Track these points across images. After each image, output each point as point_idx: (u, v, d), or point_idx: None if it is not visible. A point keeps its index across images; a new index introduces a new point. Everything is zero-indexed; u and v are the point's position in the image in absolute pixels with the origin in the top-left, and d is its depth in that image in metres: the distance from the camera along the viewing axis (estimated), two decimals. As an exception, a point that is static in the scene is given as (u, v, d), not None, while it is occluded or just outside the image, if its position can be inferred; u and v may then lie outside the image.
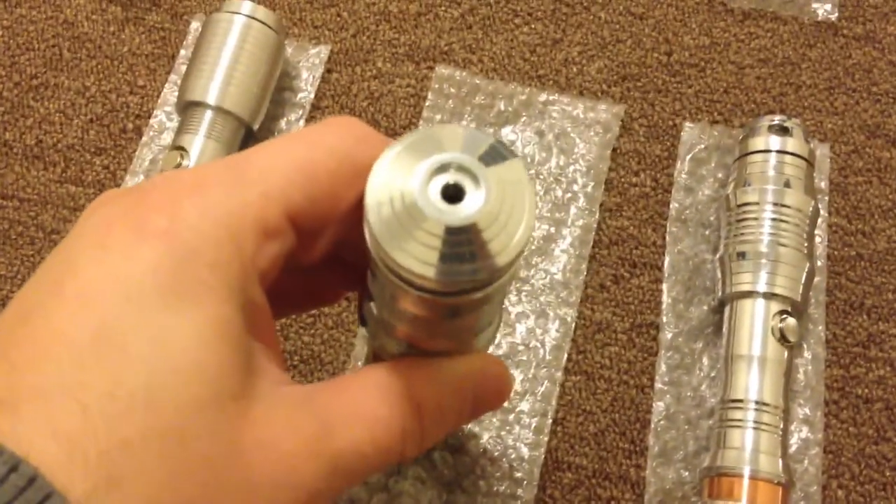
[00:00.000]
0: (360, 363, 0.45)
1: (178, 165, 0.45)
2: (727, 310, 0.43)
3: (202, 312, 0.20)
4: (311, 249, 0.25)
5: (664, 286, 0.46)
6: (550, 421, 0.43)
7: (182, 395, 0.19)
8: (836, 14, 0.53)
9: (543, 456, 0.42)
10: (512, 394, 0.43)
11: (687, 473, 0.42)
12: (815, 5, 0.53)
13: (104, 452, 0.18)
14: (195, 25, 0.53)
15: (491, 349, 0.44)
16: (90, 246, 0.21)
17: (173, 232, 0.20)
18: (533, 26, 0.53)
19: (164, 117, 0.50)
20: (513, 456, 0.42)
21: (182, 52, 0.52)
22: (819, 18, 0.53)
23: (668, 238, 0.47)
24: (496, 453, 0.42)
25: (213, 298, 0.20)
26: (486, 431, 0.43)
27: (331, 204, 0.24)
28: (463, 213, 0.20)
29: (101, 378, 0.19)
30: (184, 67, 0.49)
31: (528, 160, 0.49)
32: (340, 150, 0.24)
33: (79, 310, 0.19)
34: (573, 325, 0.45)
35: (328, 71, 0.52)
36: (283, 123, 0.50)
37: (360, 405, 0.23)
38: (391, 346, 0.26)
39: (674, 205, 0.48)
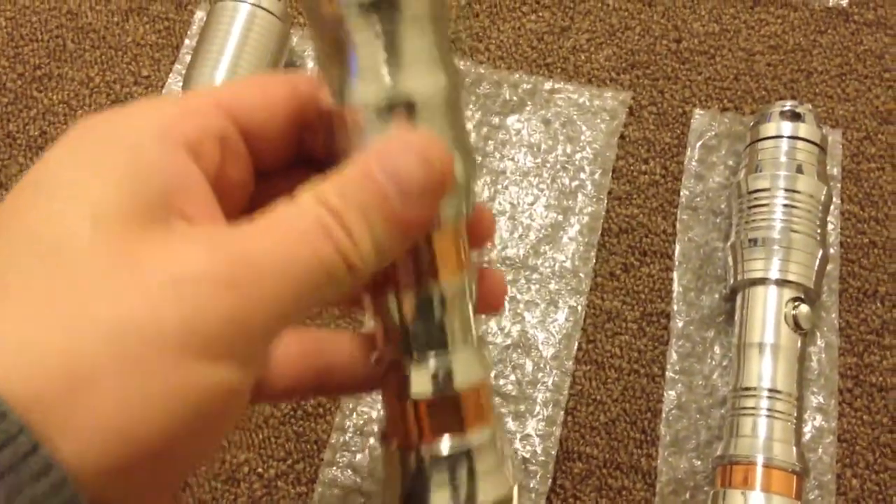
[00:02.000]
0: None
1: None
2: (739, 297, 0.43)
3: (115, 156, 0.21)
4: (272, 154, 0.25)
5: (675, 274, 0.45)
6: (563, 411, 0.43)
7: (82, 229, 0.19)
8: (847, 0, 0.52)
9: (557, 447, 0.42)
10: (523, 379, 0.43)
11: (699, 463, 0.42)
12: (825, -9, 0.52)
13: None
14: (200, 15, 0.52)
15: (500, 339, 0.43)
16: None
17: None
18: (540, 14, 0.53)
19: (168, 107, 0.50)
20: (526, 447, 0.42)
21: (186, 41, 0.51)
22: (830, 4, 0.52)
23: (678, 226, 0.47)
24: (509, 445, 0.42)
25: (122, 149, 0.21)
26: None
27: (282, 113, 0.24)
28: None
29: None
30: (188, 57, 0.49)
31: (535, 149, 0.48)
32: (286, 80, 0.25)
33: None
34: (583, 313, 0.45)
35: (334, 60, 0.51)
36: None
37: (270, 219, 0.22)
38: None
39: (684, 192, 0.47)
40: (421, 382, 0.25)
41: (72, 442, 0.18)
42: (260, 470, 0.42)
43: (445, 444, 0.25)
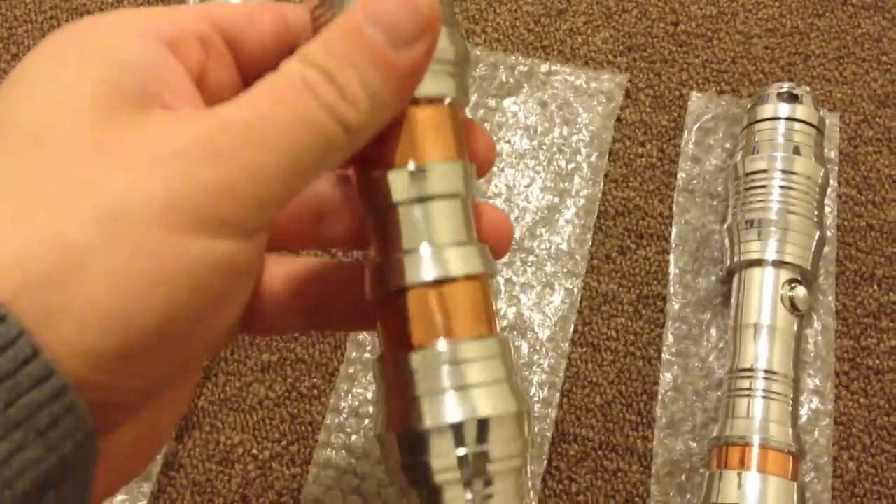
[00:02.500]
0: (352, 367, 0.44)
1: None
2: (735, 279, 0.42)
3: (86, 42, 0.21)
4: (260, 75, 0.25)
5: (671, 257, 0.45)
6: (559, 393, 0.43)
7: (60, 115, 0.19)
8: (845, -17, 0.52)
9: (552, 429, 0.42)
10: (518, 360, 0.43)
11: (695, 445, 0.42)
12: (823, -26, 0.52)
13: None
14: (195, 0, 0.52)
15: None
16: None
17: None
18: (537, -3, 0.52)
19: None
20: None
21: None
22: (828, -12, 0.52)
23: (675, 208, 0.46)
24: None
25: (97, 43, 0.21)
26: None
27: (269, 36, 0.24)
28: None
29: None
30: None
31: (531, 131, 0.48)
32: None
33: None
34: (579, 296, 0.44)
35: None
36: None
37: (252, 90, 0.21)
38: None
39: (681, 175, 0.47)
40: (412, 270, 0.23)
41: (67, 329, 0.18)
42: (254, 451, 0.42)
43: (440, 348, 0.23)
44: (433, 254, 0.23)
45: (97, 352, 0.18)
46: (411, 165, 0.23)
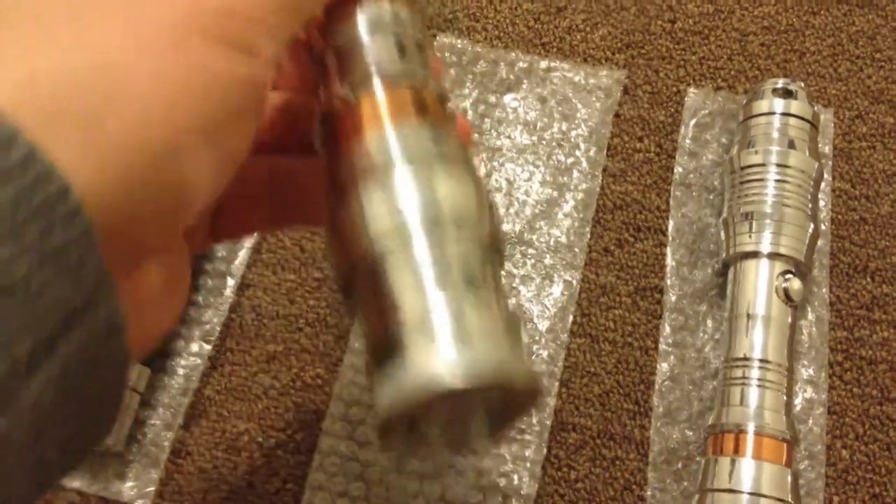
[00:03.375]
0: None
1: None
2: (731, 271, 0.43)
3: None
4: None
5: (668, 249, 0.46)
6: (558, 383, 0.43)
7: None
8: (840, -19, 0.53)
9: (552, 418, 0.43)
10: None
11: (691, 433, 0.42)
12: (818, -27, 0.53)
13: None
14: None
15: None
16: None
17: None
18: (536, -5, 0.53)
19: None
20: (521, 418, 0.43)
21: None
22: (822, -14, 0.53)
23: (672, 202, 0.47)
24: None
25: None
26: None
27: None
28: None
29: None
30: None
31: (531, 126, 0.49)
32: None
33: None
34: (578, 288, 0.45)
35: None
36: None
37: None
38: None
39: (678, 169, 0.48)
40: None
41: (100, 137, 0.18)
42: (260, 439, 0.43)
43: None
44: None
45: (104, 168, 0.18)
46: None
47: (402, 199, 0.22)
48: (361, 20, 0.25)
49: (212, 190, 0.22)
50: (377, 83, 0.24)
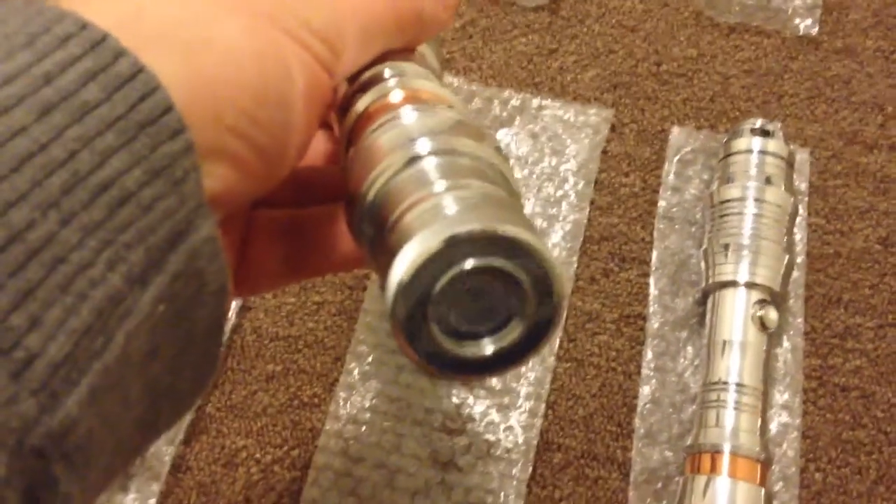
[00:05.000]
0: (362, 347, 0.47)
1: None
2: (710, 300, 0.45)
3: None
4: None
5: (651, 279, 0.48)
6: (544, 405, 0.45)
7: None
8: (817, 29, 0.56)
9: (538, 438, 0.45)
10: (507, 376, 0.46)
11: (671, 454, 0.44)
12: (797, 20, 0.56)
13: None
14: None
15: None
16: None
17: None
18: (530, 37, 0.56)
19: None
20: (508, 437, 0.44)
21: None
22: (801, 33, 0.56)
23: (655, 234, 0.50)
24: (492, 435, 0.45)
25: None
26: (482, 414, 0.45)
27: None
28: None
29: None
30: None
31: (523, 160, 0.51)
32: None
33: None
34: (565, 314, 0.47)
35: (334, 76, 0.54)
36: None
37: None
38: None
39: (661, 203, 0.50)
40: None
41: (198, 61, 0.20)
42: (258, 455, 0.45)
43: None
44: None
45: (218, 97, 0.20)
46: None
47: (411, 129, 0.23)
48: (386, 69, 0.27)
49: (279, 157, 0.23)
50: (396, 93, 0.26)
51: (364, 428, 0.45)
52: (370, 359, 0.46)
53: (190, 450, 0.45)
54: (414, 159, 0.22)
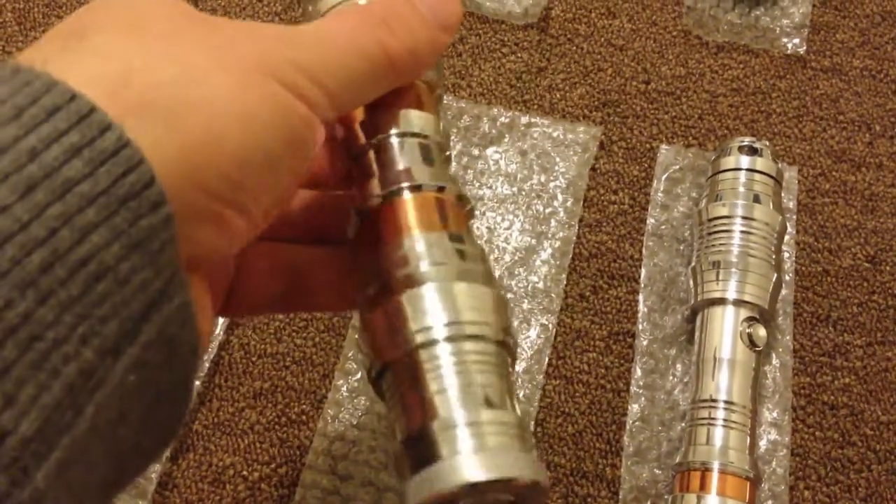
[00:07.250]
0: (350, 364, 0.47)
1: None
2: (699, 317, 0.45)
3: None
4: None
5: (640, 296, 0.48)
6: (533, 423, 0.45)
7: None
8: (805, 48, 0.56)
9: (524, 455, 0.44)
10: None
11: (660, 472, 0.44)
12: (784, 40, 0.56)
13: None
14: None
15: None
16: None
17: None
18: (519, 55, 0.56)
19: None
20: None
21: None
22: (788, 52, 0.56)
23: (644, 252, 0.50)
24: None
25: None
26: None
27: None
28: None
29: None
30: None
31: (511, 178, 0.51)
32: None
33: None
34: (554, 331, 0.47)
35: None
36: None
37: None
38: None
39: (650, 221, 0.50)
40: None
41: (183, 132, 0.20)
42: (245, 473, 0.44)
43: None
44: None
45: (202, 162, 0.20)
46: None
47: (429, 313, 0.25)
48: (395, 126, 0.28)
49: (263, 213, 0.23)
50: (407, 190, 0.28)
51: (352, 445, 0.44)
52: (358, 376, 0.46)
53: (177, 467, 0.44)
54: (433, 353, 0.25)
